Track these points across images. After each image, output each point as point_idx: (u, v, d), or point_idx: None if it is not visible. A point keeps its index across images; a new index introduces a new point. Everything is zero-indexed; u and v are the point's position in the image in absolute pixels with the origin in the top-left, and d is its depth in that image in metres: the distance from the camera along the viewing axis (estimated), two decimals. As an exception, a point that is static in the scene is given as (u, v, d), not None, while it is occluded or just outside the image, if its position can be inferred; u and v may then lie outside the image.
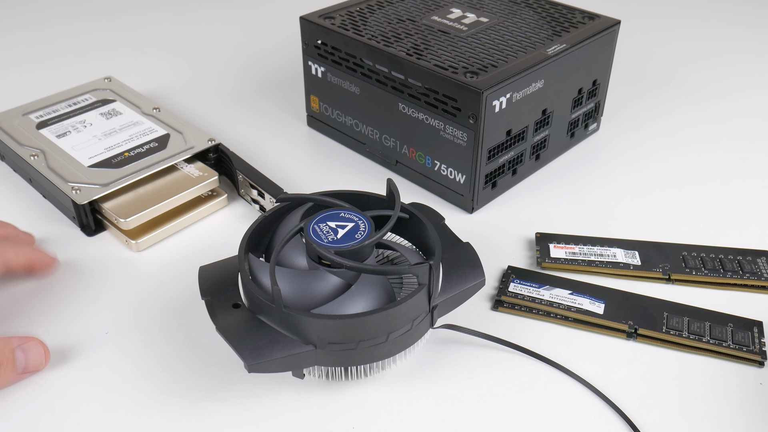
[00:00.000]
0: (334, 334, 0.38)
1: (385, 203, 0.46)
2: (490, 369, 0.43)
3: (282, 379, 0.42)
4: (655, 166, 0.62)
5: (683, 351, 0.44)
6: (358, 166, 0.62)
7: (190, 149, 0.57)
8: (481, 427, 0.40)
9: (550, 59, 0.54)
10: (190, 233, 0.54)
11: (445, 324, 0.44)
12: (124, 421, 0.40)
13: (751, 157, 0.64)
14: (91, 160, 0.55)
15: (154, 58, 0.80)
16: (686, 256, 0.51)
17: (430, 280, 0.39)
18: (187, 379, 0.43)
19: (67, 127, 0.59)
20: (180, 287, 0.49)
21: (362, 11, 0.62)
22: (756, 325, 0.45)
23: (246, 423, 0.40)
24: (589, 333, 0.46)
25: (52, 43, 0.83)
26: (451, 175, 0.56)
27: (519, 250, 0.52)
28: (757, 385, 0.42)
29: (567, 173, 0.61)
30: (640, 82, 0.76)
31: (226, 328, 0.39)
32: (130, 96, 0.64)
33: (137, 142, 0.57)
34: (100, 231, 0.54)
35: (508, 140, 0.55)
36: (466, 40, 0.57)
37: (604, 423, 0.40)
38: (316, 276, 0.41)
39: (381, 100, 0.58)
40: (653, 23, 0.91)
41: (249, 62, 0.79)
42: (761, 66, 0.80)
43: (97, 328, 0.46)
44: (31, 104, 0.62)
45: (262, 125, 0.68)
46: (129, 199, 0.52)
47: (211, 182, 0.55)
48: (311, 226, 0.42)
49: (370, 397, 0.42)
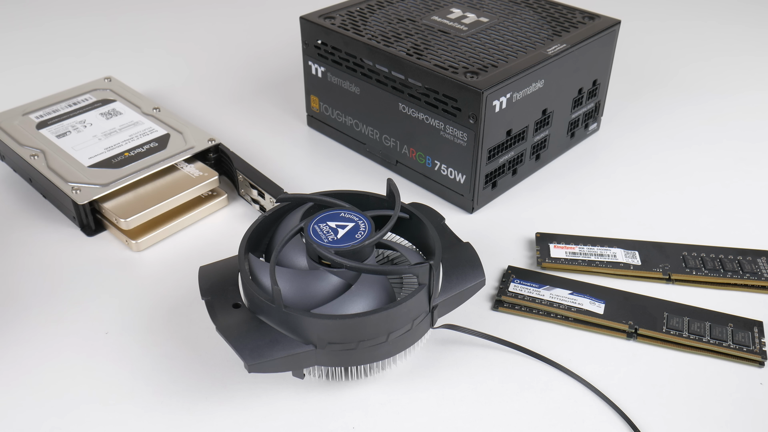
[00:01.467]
0: (334, 334, 0.38)
1: (385, 203, 0.46)
2: (490, 369, 0.43)
3: (282, 379, 0.42)
4: (655, 166, 0.62)
5: (683, 351, 0.44)
6: (358, 166, 0.62)
7: (190, 149, 0.57)
8: (481, 427, 0.40)
9: (550, 59, 0.54)
10: (190, 233, 0.54)
11: (445, 324, 0.44)
12: (124, 421, 0.40)
13: (751, 157, 0.64)
14: (91, 160, 0.55)
15: (154, 58, 0.80)
16: (686, 256, 0.51)
17: (430, 280, 0.39)
18: (187, 379, 0.43)
19: (67, 127, 0.59)
20: (180, 287, 0.49)
21: (362, 11, 0.62)
22: (756, 325, 0.45)
23: (246, 423, 0.40)
24: (589, 333, 0.46)
25: (52, 43, 0.83)
26: (451, 175, 0.56)
27: (519, 250, 0.52)
28: (757, 385, 0.42)
29: (567, 173, 0.61)
30: (639, 82, 0.76)
31: (226, 328, 0.39)
32: (130, 96, 0.64)
33: (137, 142, 0.57)
34: (100, 231, 0.54)
35: (508, 140, 0.55)
36: (466, 40, 0.57)
37: (604, 423, 0.40)
38: (316, 276, 0.41)
39: (381, 100, 0.58)
40: (653, 23, 0.91)
41: (249, 62, 0.79)
42: (761, 66, 0.80)
43: (97, 328, 0.46)
44: (31, 104, 0.62)
45: (262, 125, 0.68)
46: (129, 199, 0.52)
47: (211, 182, 0.55)
48: (311, 226, 0.42)
49: (370, 397, 0.42)
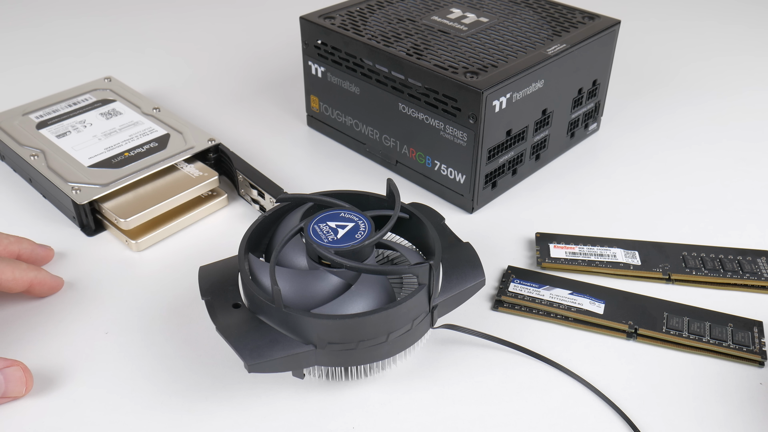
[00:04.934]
0: (334, 334, 0.38)
1: (385, 203, 0.46)
2: (490, 369, 0.43)
3: (282, 379, 0.42)
4: (655, 166, 0.62)
5: (683, 351, 0.44)
6: (358, 166, 0.62)
7: (190, 149, 0.57)
8: (481, 427, 0.40)
9: (550, 59, 0.54)
10: (190, 233, 0.54)
11: (445, 324, 0.44)
12: (124, 421, 0.40)
13: (751, 157, 0.64)
14: (91, 160, 0.55)
15: (154, 58, 0.80)
16: (686, 256, 0.51)
17: (430, 280, 0.39)
18: (187, 379, 0.43)
19: (67, 127, 0.59)
20: (180, 287, 0.49)
21: (362, 11, 0.62)
22: (756, 325, 0.45)
23: (246, 423, 0.40)
24: (589, 333, 0.46)
25: (52, 43, 0.83)
26: (451, 175, 0.56)
27: (519, 250, 0.52)
28: (757, 385, 0.42)
29: (567, 173, 0.61)
30: (639, 82, 0.76)
31: (226, 328, 0.39)
32: (130, 96, 0.64)
33: (137, 142, 0.57)
34: (100, 231, 0.54)
35: (508, 140, 0.55)
36: (466, 40, 0.57)
37: (604, 423, 0.40)
38: (316, 276, 0.41)
39: (381, 100, 0.58)
40: (653, 23, 0.91)
41: (249, 62, 0.79)
42: (761, 66, 0.80)
43: (97, 328, 0.46)
44: (31, 104, 0.62)
45: (262, 125, 0.68)
46: (129, 199, 0.52)
47: (211, 182, 0.55)
48: (311, 226, 0.42)
49: (370, 397, 0.42)
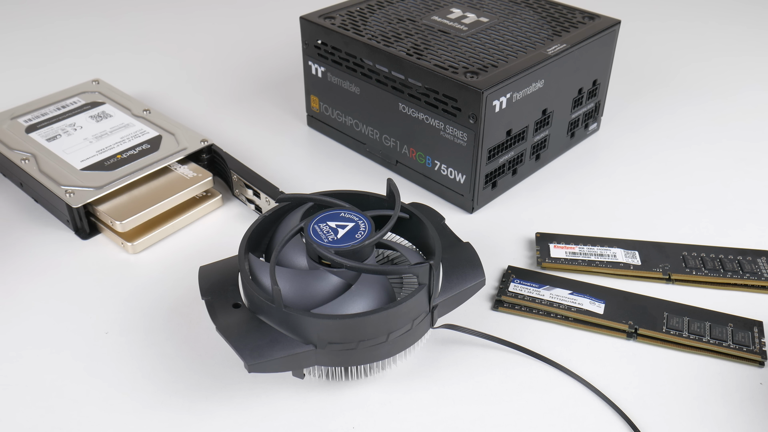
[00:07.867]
0: (334, 334, 0.38)
1: (385, 203, 0.46)
2: (490, 369, 0.43)
3: (282, 379, 0.42)
4: (655, 166, 0.62)
5: (683, 351, 0.44)
6: (358, 166, 0.62)
7: (183, 150, 0.56)
8: (481, 427, 0.40)
9: (550, 59, 0.54)
10: (186, 234, 0.54)
11: (445, 324, 0.44)
12: (124, 421, 0.40)
13: (751, 157, 0.64)
14: (83, 163, 0.54)
15: (152, 59, 0.80)
16: (686, 256, 0.51)
17: (430, 280, 0.39)
18: (187, 379, 0.43)
19: (56, 131, 0.58)
20: (179, 287, 0.49)
21: (362, 11, 0.62)
22: (756, 325, 0.45)
23: (246, 423, 0.40)
24: (589, 333, 0.46)
25: (50, 44, 0.83)
26: (451, 175, 0.56)
27: (519, 250, 0.52)
28: (757, 385, 0.42)
29: (567, 173, 0.61)
30: (640, 82, 0.76)
31: (226, 328, 0.39)
32: (119, 98, 0.64)
33: (129, 144, 0.57)
34: (94, 234, 0.53)
35: (508, 140, 0.55)
36: (466, 40, 0.57)
37: (604, 423, 0.40)
38: (316, 276, 0.41)
39: (381, 100, 0.58)
40: (653, 23, 0.91)
41: (249, 62, 0.79)
42: (761, 66, 0.80)
43: (97, 329, 0.46)
44: (19, 108, 0.61)
45: (262, 125, 0.67)
46: (124, 202, 0.52)
47: (205, 183, 0.55)
48: (311, 226, 0.42)
49: (370, 397, 0.42)
